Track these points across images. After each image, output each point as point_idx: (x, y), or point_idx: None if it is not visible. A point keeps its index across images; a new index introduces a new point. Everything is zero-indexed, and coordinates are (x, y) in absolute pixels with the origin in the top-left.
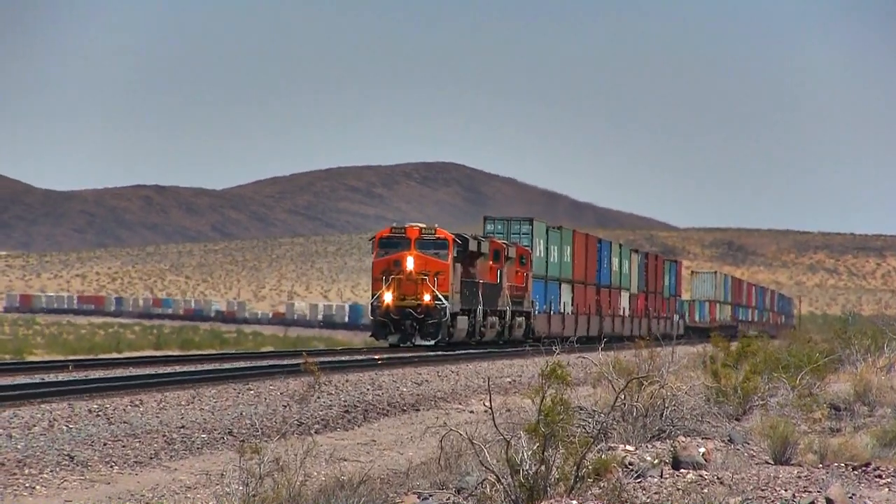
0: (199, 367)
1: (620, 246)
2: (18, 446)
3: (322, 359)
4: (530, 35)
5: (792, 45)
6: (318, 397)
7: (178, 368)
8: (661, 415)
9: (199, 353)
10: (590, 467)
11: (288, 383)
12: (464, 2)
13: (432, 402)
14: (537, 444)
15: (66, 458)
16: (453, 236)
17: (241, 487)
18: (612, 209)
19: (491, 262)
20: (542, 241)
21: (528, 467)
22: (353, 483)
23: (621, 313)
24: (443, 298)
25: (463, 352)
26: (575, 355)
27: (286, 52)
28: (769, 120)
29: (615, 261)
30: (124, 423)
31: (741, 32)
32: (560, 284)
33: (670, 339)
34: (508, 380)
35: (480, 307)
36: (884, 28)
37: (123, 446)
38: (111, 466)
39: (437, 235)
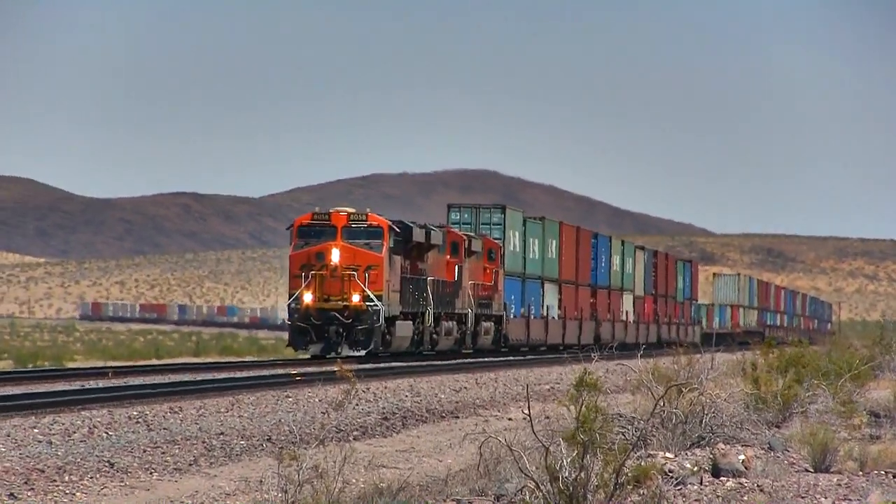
0: (238, 374)
1: (623, 242)
2: (59, 453)
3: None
4: (569, 42)
5: (833, 54)
6: (357, 404)
7: (216, 375)
8: (701, 422)
9: (238, 359)
10: (629, 474)
11: (326, 390)
12: (502, 9)
13: (471, 409)
14: (576, 451)
15: (106, 464)
16: (390, 223)
17: (280, 494)
18: (652, 216)
19: (448, 257)
20: (517, 234)
21: (567, 474)
22: (392, 490)
23: (623, 318)
24: (375, 299)
25: (503, 359)
26: (615, 362)
27: (324, 59)
28: (809, 126)
29: (615, 259)
30: (164, 429)
31: (779, 41)
32: (543, 284)
33: (709, 347)
34: (547, 387)
35: (430, 310)
36: None
37: (163, 453)
38: (151, 473)
39: (368, 222)
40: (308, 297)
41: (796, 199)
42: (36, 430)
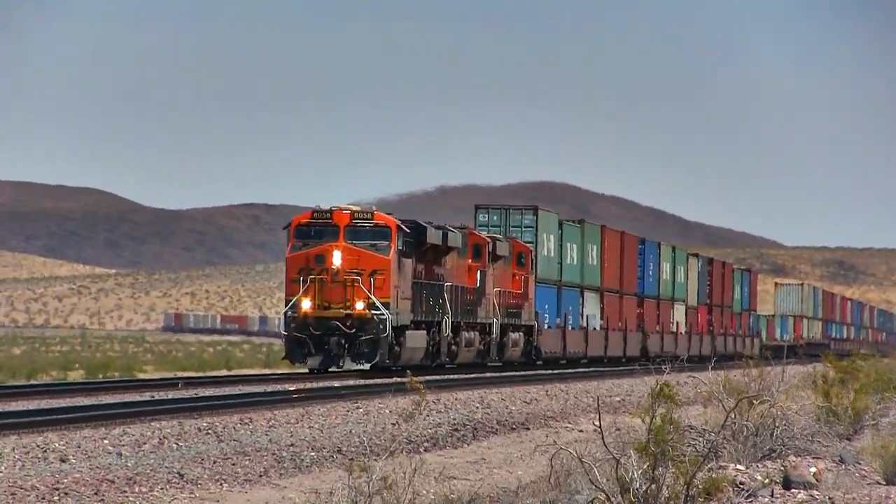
0: (308, 385)
1: (674, 249)
2: (128, 464)
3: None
4: (636, 54)
5: None
6: (427, 415)
7: (286, 386)
8: (772, 434)
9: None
10: (700, 486)
11: (397, 401)
12: (569, 22)
13: (542, 421)
14: (647, 462)
15: (176, 475)
16: (398, 222)
17: None
18: (723, 228)
19: (469, 261)
20: (551, 238)
21: (637, 486)
22: (462, 501)
23: (674, 329)
24: (382, 306)
25: (572, 371)
26: (685, 374)
27: (393, 70)
28: (880, 138)
29: (665, 266)
30: (234, 440)
31: (850, 56)
32: (582, 293)
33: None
34: (618, 398)
35: (448, 319)
36: None
37: (233, 464)
38: (220, 484)
39: (374, 221)
40: (306, 305)
41: (868, 212)
42: (106, 441)
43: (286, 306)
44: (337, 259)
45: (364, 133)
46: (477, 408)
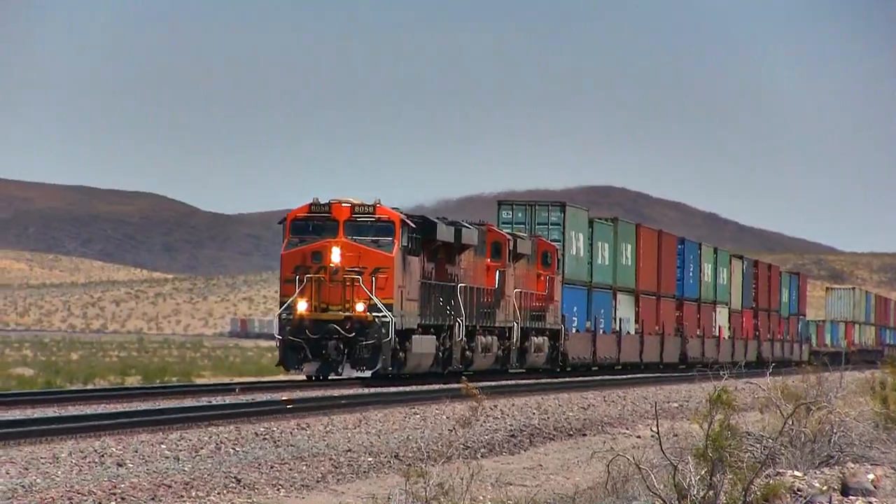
0: (365, 391)
1: (715, 250)
2: (185, 468)
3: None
4: (695, 59)
5: None
6: (484, 421)
7: (343, 392)
8: (830, 440)
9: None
10: (758, 493)
11: (454, 407)
12: (631, 26)
13: (599, 427)
14: (705, 469)
15: (233, 480)
16: (403, 216)
17: None
18: (780, 233)
19: (487, 260)
20: (581, 236)
21: (695, 492)
22: None
23: (716, 334)
24: (384, 308)
25: (628, 377)
26: (742, 381)
27: (454, 77)
28: None
29: (707, 268)
30: (291, 446)
31: None
32: (615, 295)
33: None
34: (675, 405)
35: (462, 322)
36: None
37: (290, 469)
38: (278, 489)
39: (377, 215)
40: (302, 306)
41: None
42: (163, 446)
43: (281, 307)
44: (336, 256)
45: (422, 137)
46: (534, 414)
